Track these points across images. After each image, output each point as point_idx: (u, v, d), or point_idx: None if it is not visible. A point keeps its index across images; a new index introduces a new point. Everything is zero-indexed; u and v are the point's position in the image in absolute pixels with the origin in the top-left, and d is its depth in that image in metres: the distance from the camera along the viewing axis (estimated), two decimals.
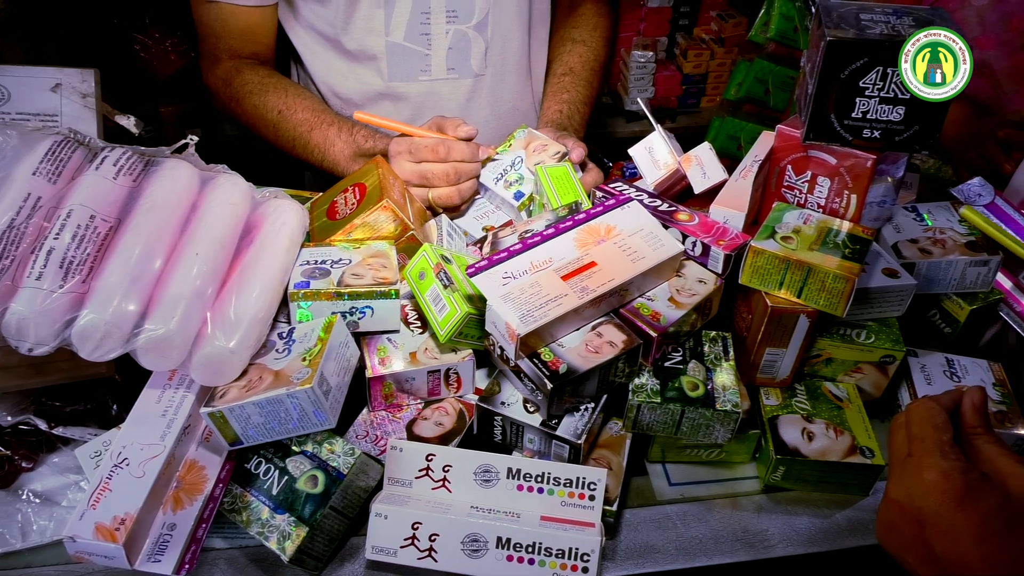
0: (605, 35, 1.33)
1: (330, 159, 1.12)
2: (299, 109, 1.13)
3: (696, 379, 0.75)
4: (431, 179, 0.98)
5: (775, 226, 0.78)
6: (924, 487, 0.54)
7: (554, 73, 1.29)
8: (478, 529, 0.67)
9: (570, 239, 0.75)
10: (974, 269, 0.83)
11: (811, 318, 0.76)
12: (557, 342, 0.71)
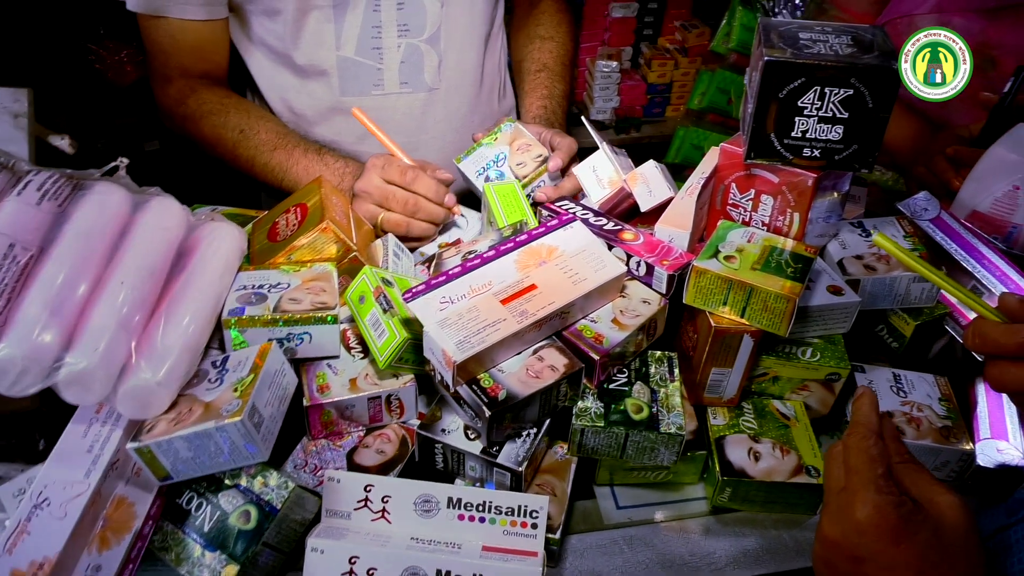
0: (569, 30, 1.33)
1: (291, 178, 1.09)
2: (262, 130, 1.11)
3: (641, 401, 0.74)
4: (388, 200, 0.96)
5: (719, 245, 0.78)
6: (859, 523, 0.53)
7: (528, 71, 1.29)
8: (417, 562, 0.65)
9: (511, 261, 0.74)
10: (918, 285, 0.84)
11: (755, 338, 0.75)
12: (497, 367, 0.70)
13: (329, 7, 1.11)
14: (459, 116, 1.28)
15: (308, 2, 1.09)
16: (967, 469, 0.80)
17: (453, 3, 1.17)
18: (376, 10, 1.13)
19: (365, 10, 1.12)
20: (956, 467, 0.80)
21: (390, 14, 1.14)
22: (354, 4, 1.12)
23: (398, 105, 1.21)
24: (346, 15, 1.12)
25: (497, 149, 1.00)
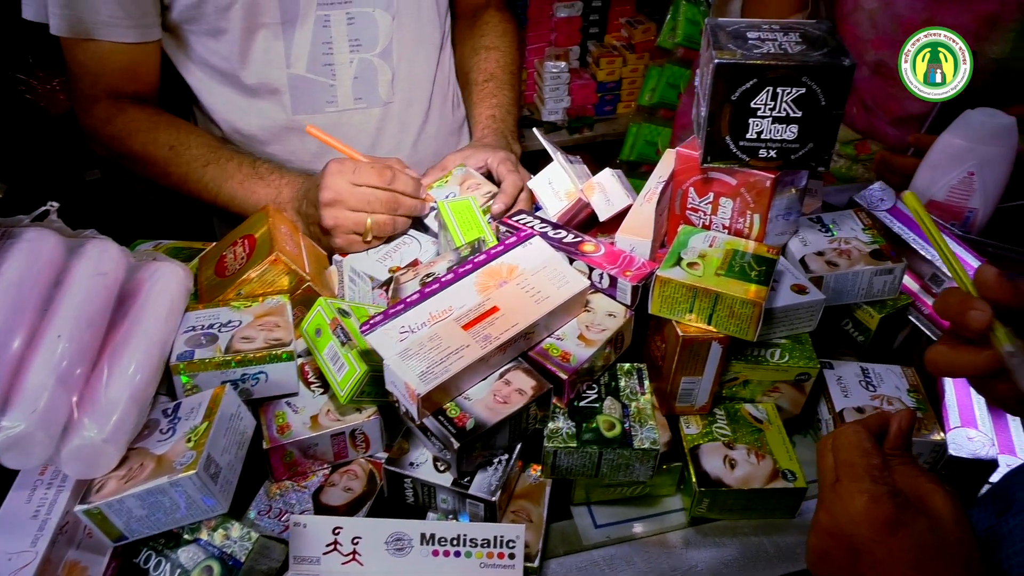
0: (514, 39, 1.31)
1: (226, 192, 1.05)
2: (193, 144, 1.06)
3: (612, 418, 0.73)
4: (372, 204, 0.93)
5: (681, 252, 0.76)
6: (855, 514, 0.53)
7: (475, 81, 1.26)
8: None
9: (470, 284, 0.72)
10: (880, 278, 0.83)
11: (723, 344, 0.74)
12: (463, 395, 0.68)
13: (277, 24, 1.07)
14: (414, 129, 1.25)
15: (255, 21, 1.05)
16: (940, 459, 0.79)
17: (403, 15, 1.14)
18: (326, 26, 1.09)
19: (315, 26, 1.09)
20: (929, 458, 0.79)
21: (341, 29, 1.10)
22: (303, 21, 1.08)
23: (353, 121, 1.18)
24: (295, 32, 1.08)
25: (447, 190, 0.99)
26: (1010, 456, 0.80)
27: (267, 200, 1.01)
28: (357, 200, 0.92)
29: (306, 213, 0.96)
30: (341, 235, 0.94)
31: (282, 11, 1.06)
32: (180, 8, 1.03)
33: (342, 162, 0.94)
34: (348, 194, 0.92)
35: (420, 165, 1.26)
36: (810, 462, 0.82)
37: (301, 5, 1.07)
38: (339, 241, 0.94)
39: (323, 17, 1.09)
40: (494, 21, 1.31)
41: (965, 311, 0.55)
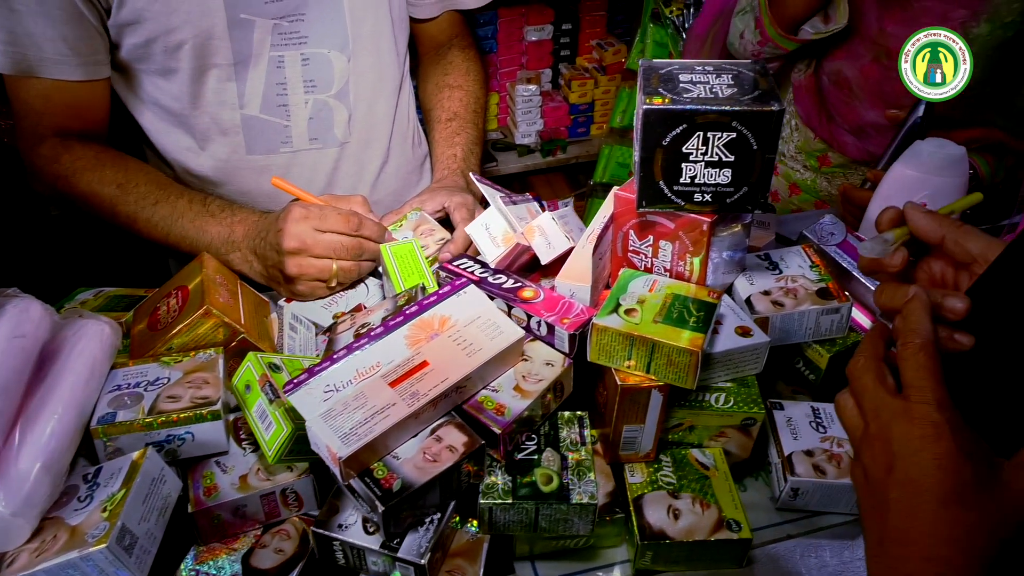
0: (478, 78, 1.31)
1: (177, 231, 1.02)
2: (142, 182, 1.04)
3: (550, 471, 0.71)
4: (338, 251, 0.91)
5: (620, 297, 0.75)
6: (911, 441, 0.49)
7: (439, 120, 1.25)
8: None
9: (400, 337, 0.70)
10: (827, 317, 0.82)
11: (664, 392, 0.72)
12: (392, 453, 0.66)
13: (229, 65, 1.06)
14: (373, 168, 1.24)
15: (206, 61, 1.04)
16: None
17: (360, 56, 1.13)
18: (280, 67, 1.08)
19: (268, 67, 1.08)
20: None
21: (295, 70, 1.09)
22: (256, 61, 1.07)
23: (308, 161, 1.17)
24: (248, 73, 1.07)
25: (401, 235, 0.97)
26: None
27: (219, 239, 0.99)
28: (323, 247, 0.91)
29: (264, 255, 0.94)
30: (304, 282, 0.92)
31: (234, 52, 1.05)
32: (129, 47, 1.02)
33: (306, 207, 0.92)
34: (313, 241, 0.90)
35: (380, 204, 1.25)
36: (760, 507, 0.82)
37: (254, 46, 1.06)
38: (302, 288, 0.93)
39: (277, 58, 1.07)
40: (458, 60, 1.30)
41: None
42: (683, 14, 2.04)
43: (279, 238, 0.90)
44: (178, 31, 1.00)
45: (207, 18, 1.00)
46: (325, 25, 1.08)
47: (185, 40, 1.01)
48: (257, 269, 0.96)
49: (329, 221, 0.91)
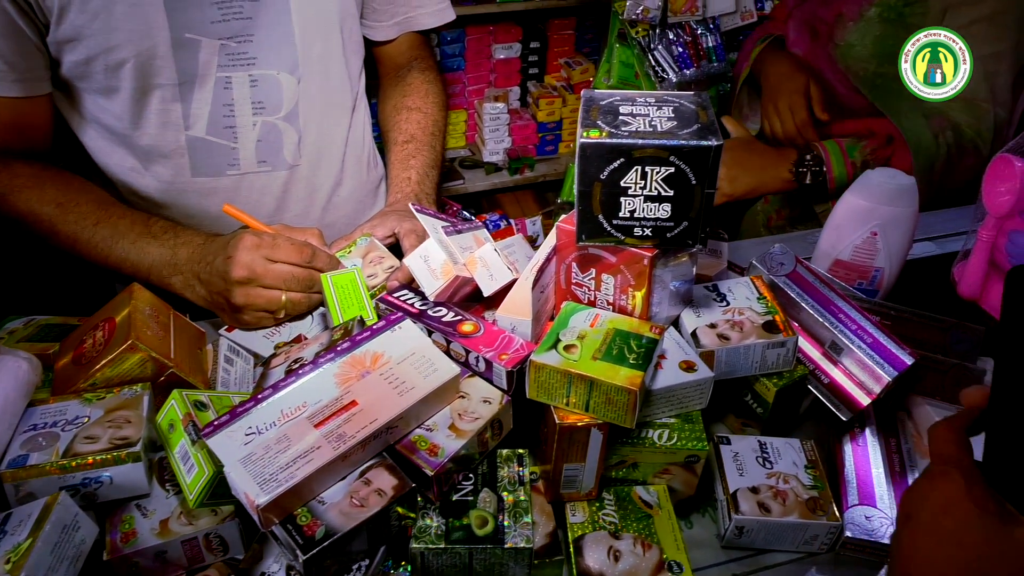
0: (437, 100, 1.29)
1: (118, 253, 0.99)
2: (82, 201, 1.00)
3: (486, 513, 0.69)
4: (289, 282, 0.89)
5: (560, 332, 0.73)
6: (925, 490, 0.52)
7: (395, 142, 1.23)
8: None
9: (329, 375, 0.68)
10: (773, 351, 0.81)
11: (603, 430, 0.71)
12: (318, 498, 0.64)
13: (174, 86, 1.03)
14: (324, 191, 1.22)
15: (149, 81, 1.01)
16: (836, 541, 0.77)
17: (310, 78, 1.11)
18: (227, 88, 1.06)
19: (215, 88, 1.05)
20: (826, 540, 0.77)
21: (243, 91, 1.07)
22: (202, 82, 1.04)
23: (256, 184, 1.14)
24: (194, 94, 1.05)
25: (349, 262, 0.95)
26: None
27: (161, 261, 0.96)
28: (273, 277, 0.88)
29: (209, 281, 0.91)
30: (251, 313, 0.89)
31: (179, 72, 1.02)
32: (69, 64, 0.99)
33: (258, 235, 0.90)
34: (263, 271, 0.88)
35: (333, 228, 1.23)
36: (706, 544, 0.80)
37: (200, 66, 1.03)
38: (248, 319, 0.90)
39: (224, 79, 1.05)
40: (417, 82, 1.28)
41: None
42: (648, 35, 2.04)
43: (228, 266, 0.88)
44: (119, 50, 0.97)
45: (149, 37, 0.98)
46: (274, 46, 1.06)
47: (126, 59, 0.98)
48: (201, 294, 0.93)
49: (281, 251, 0.89)
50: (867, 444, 0.84)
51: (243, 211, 0.94)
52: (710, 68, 2.07)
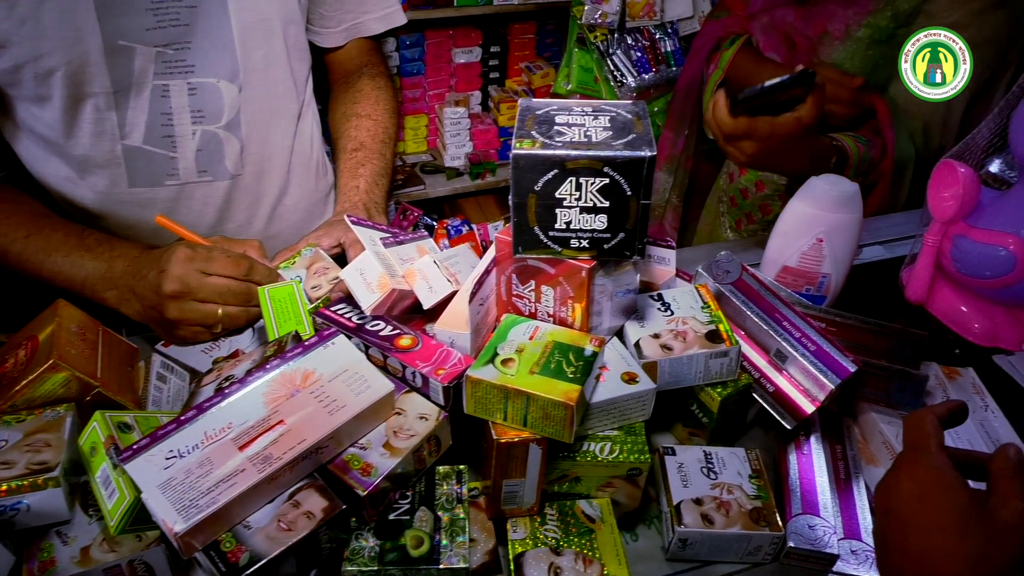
0: (388, 107, 1.27)
1: (50, 267, 0.96)
2: (13, 212, 0.97)
3: (422, 532, 0.67)
4: (225, 296, 0.86)
5: (498, 346, 0.72)
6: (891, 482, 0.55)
7: (344, 149, 1.21)
8: None
9: (258, 395, 0.66)
10: (716, 361, 0.80)
11: (542, 446, 0.69)
12: (244, 522, 0.62)
13: (108, 94, 1.00)
14: (268, 201, 1.19)
15: (81, 89, 0.98)
16: (780, 551, 0.76)
17: (252, 86, 1.08)
18: (165, 96, 1.03)
19: (152, 97, 1.02)
20: (770, 551, 0.76)
21: (181, 100, 1.04)
22: (138, 90, 1.01)
23: (197, 195, 1.11)
24: (129, 102, 1.02)
25: (293, 273, 0.93)
26: (855, 541, 0.78)
27: (96, 274, 0.93)
28: (208, 291, 0.86)
29: (142, 295, 0.88)
30: (186, 328, 0.87)
31: (113, 80, 0.99)
32: None
33: (192, 248, 0.87)
34: (197, 285, 0.85)
35: (278, 238, 1.20)
36: (651, 557, 0.79)
37: (135, 74, 1.00)
38: (183, 334, 0.87)
39: (161, 87, 1.02)
40: (367, 88, 1.26)
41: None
42: (607, 39, 2.04)
43: (160, 280, 0.85)
44: (48, 57, 0.94)
45: (80, 45, 0.95)
46: (213, 54, 1.03)
47: (57, 67, 0.95)
48: (135, 308, 0.91)
49: (216, 264, 0.87)
50: (812, 452, 0.84)
51: (178, 223, 0.92)
52: (668, 72, 2.08)
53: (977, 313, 1.00)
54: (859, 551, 0.77)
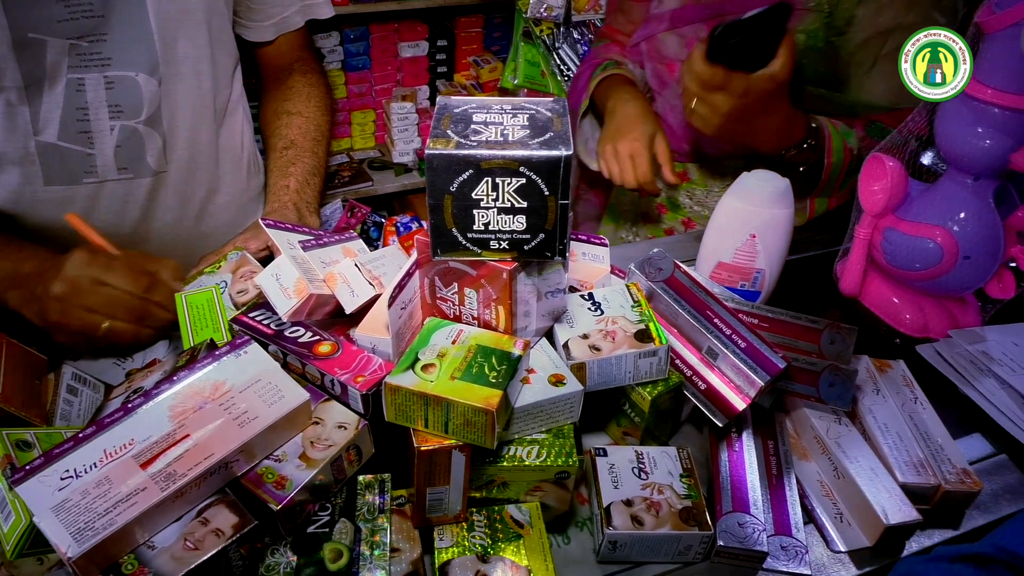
0: (321, 104, 1.23)
1: None
2: None
3: (341, 545, 0.65)
4: (114, 309, 0.83)
5: (420, 351, 0.70)
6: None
7: (274, 148, 1.18)
8: None
9: (164, 408, 0.63)
10: (645, 360, 0.80)
11: (465, 452, 0.68)
12: (148, 542, 0.59)
13: (18, 88, 0.95)
14: (197, 200, 1.15)
15: None
16: (711, 550, 0.76)
17: (173, 80, 1.04)
18: (80, 90, 0.99)
19: (67, 91, 0.98)
20: (700, 550, 0.76)
21: (98, 94, 1.00)
22: (51, 84, 0.97)
23: (117, 193, 1.07)
24: (43, 97, 0.97)
25: (218, 277, 0.89)
26: (785, 537, 0.78)
27: (3, 276, 0.90)
28: (95, 299, 0.82)
29: (40, 296, 0.85)
30: (63, 334, 0.83)
31: (24, 74, 0.95)
32: None
33: (94, 253, 0.83)
34: (86, 290, 0.81)
35: (210, 237, 1.17)
36: (583, 560, 0.78)
37: (48, 68, 0.96)
38: (62, 339, 0.84)
39: (76, 81, 0.98)
40: (299, 85, 1.23)
41: None
42: (553, 33, 2.02)
43: (52, 280, 0.83)
44: None
45: None
46: (130, 46, 0.99)
47: None
48: (34, 310, 0.87)
49: (114, 274, 0.83)
50: (743, 449, 0.84)
51: (88, 225, 0.88)
52: None
53: (908, 304, 1.02)
54: (789, 547, 0.77)
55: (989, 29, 0.78)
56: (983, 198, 0.89)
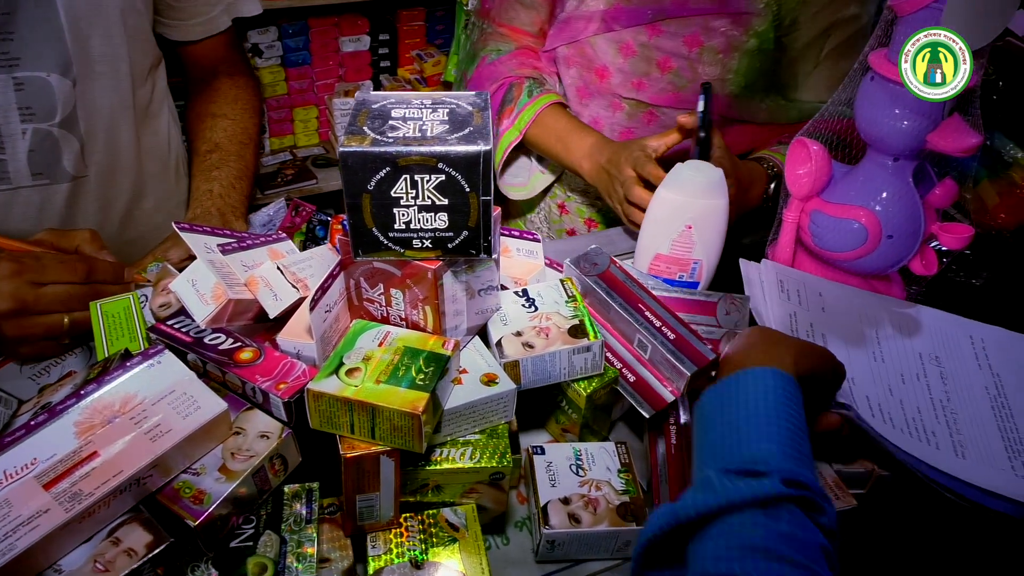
0: (248, 106, 1.20)
1: None
2: None
3: (265, 558, 0.63)
4: (69, 302, 0.79)
5: (344, 355, 0.68)
6: None
7: (199, 152, 1.14)
8: None
9: (69, 424, 0.60)
10: (580, 356, 0.79)
11: (394, 457, 0.66)
12: (54, 566, 0.56)
13: None
14: (121, 205, 1.11)
15: None
16: None
17: (88, 80, 1.00)
18: None
19: None
20: None
21: (7, 96, 0.95)
22: None
23: (33, 199, 1.02)
24: None
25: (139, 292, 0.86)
26: None
27: None
28: (48, 302, 0.79)
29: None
30: (31, 344, 0.80)
31: None
32: None
33: (19, 259, 0.79)
34: (34, 298, 0.78)
35: (136, 244, 1.13)
36: (522, 561, 0.77)
37: None
38: (28, 351, 0.81)
39: None
40: (225, 87, 1.19)
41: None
42: None
43: None
44: None
45: None
46: (40, 45, 0.95)
47: None
48: None
49: (50, 271, 0.79)
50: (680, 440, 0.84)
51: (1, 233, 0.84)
52: None
53: None
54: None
55: (903, 12, 0.79)
56: (903, 178, 0.90)
